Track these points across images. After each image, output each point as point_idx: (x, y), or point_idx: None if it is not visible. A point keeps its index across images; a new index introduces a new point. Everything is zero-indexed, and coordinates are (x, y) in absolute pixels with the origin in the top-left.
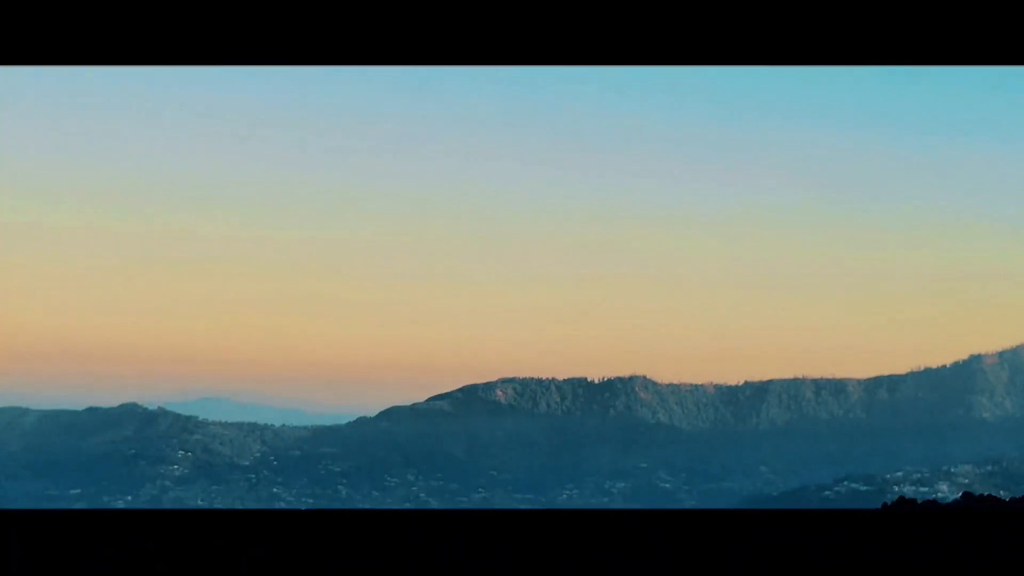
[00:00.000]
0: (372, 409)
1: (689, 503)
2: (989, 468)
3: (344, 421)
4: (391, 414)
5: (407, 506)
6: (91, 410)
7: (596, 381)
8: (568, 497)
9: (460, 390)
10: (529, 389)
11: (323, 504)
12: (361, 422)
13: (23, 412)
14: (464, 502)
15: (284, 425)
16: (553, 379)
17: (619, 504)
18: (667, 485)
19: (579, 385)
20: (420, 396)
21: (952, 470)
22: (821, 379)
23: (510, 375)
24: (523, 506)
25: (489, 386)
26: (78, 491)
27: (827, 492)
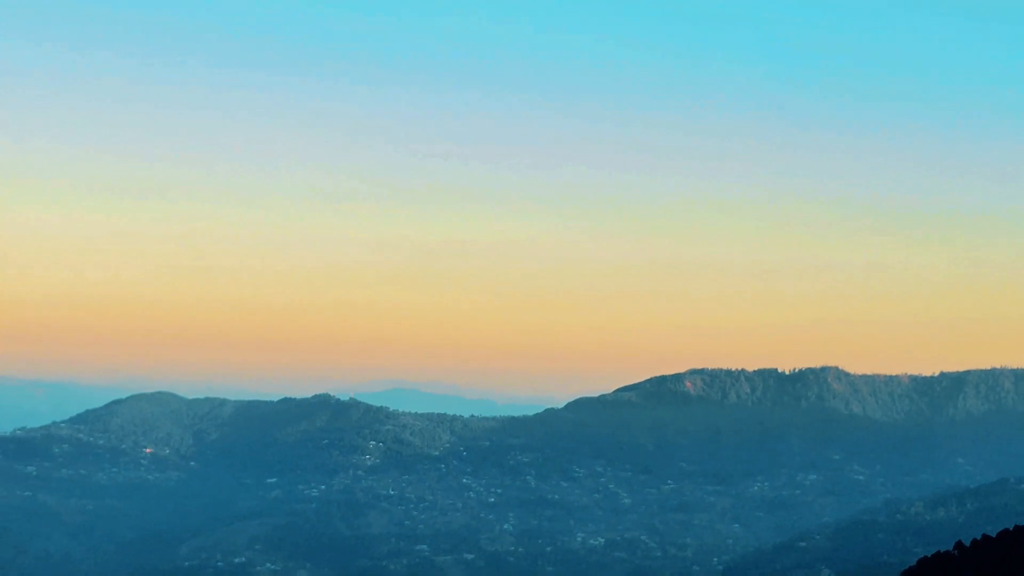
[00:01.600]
0: (560, 400)
1: (883, 496)
2: None
3: (532, 412)
4: (579, 405)
5: (595, 497)
6: (286, 400)
7: (787, 372)
8: (759, 489)
9: (648, 381)
10: (718, 380)
11: (512, 494)
12: (549, 413)
13: (221, 403)
14: (653, 494)
15: (473, 416)
16: (743, 370)
17: (811, 497)
18: (861, 477)
19: (770, 376)
20: (608, 387)
21: None
22: (1020, 369)
23: (699, 366)
24: (712, 498)
25: (678, 377)
26: (274, 480)
27: None
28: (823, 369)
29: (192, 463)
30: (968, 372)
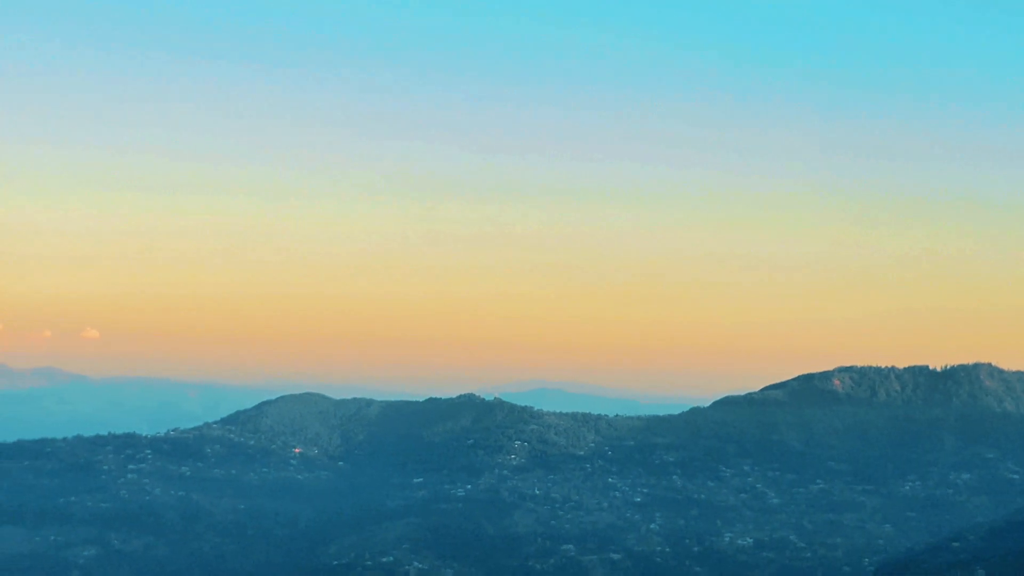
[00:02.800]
0: (706, 399)
1: None
2: None
3: (678, 411)
4: (726, 404)
5: (743, 497)
6: (431, 400)
7: (938, 369)
8: (911, 489)
9: (796, 379)
10: (867, 378)
11: (658, 494)
12: (695, 412)
13: (368, 403)
14: (802, 493)
15: (618, 415)
16: (892, 368)
17: (964, 497)
18: (1016, 476)
19: (920, 373)
20: (755, 385)
21: None
22: None
23: (847, 364)
24: (862, 498)
25: (825, 375)
26: (420, 479)
27: None
28: (975, 366)
29: (340, 463)
30: None
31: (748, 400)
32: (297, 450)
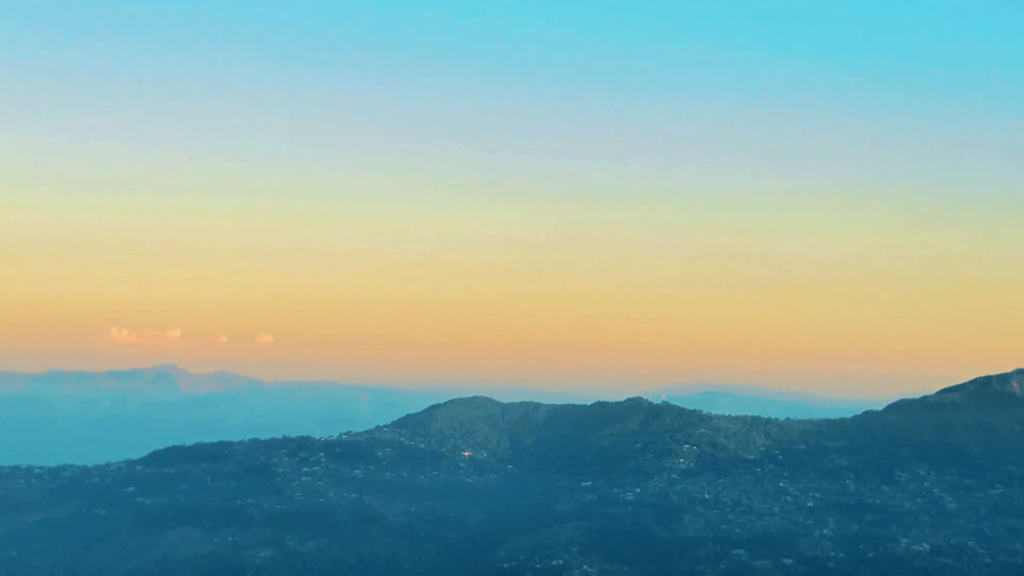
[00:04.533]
0: (878, 402)
1: None
2: None
3: (850, 414)
4: (900, 407)
5: (919, 502)
6: (599, 404)
7: None
8: None
9: (972, 382)
10: None
11: (830, 498)
12: (868, 415)
13: (535, 407)
14: (980, 498)
15: (788, 419)
16: None
17: None
18: None
19: None
20: (929, 388)
21: None
22: None
23: None
24: None
25: (1004, 377)
26: (589, 483)
27: None
28: None
29: (509, 466)
30: None
31: (923, 403)
32: (467, 453)
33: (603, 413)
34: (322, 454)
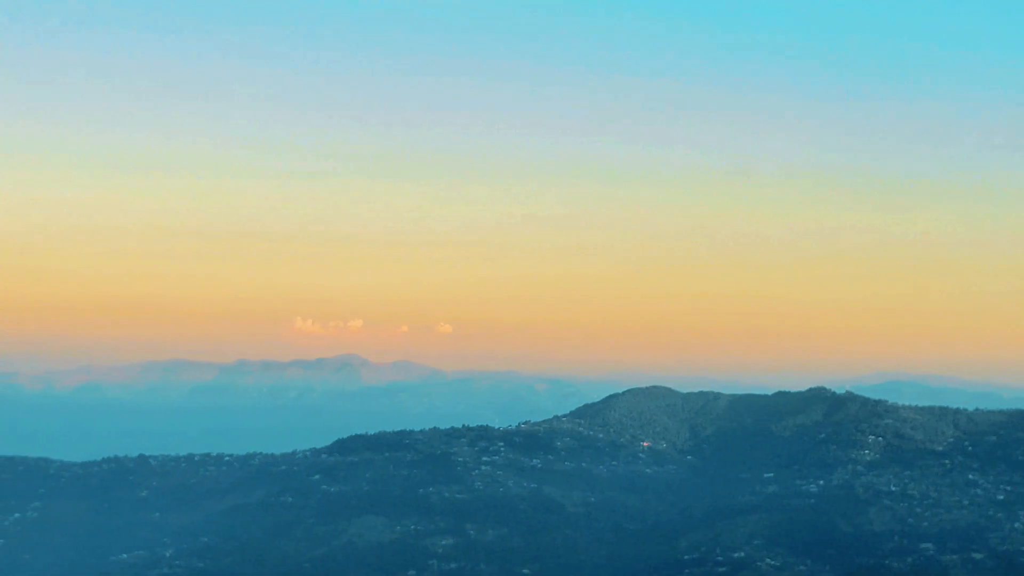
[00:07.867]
0: None
1: None
2: None
3: None
4: None
5: None
6: (781, 394)
7: None
8: None
9: None
10: None
11: (1023, 492)
12: None
13: (715, 396)
14: None
15: (978, 409)
16: None
17: None
18: None
19: None
20: None
21: None
22: None
23: None
24: None
25: None
26: (771, 474)
27: None
28: None
29: (688, 457)
30: None
31: None
32: (646, 444)
33: (784, 403)
34: (501, 444)
